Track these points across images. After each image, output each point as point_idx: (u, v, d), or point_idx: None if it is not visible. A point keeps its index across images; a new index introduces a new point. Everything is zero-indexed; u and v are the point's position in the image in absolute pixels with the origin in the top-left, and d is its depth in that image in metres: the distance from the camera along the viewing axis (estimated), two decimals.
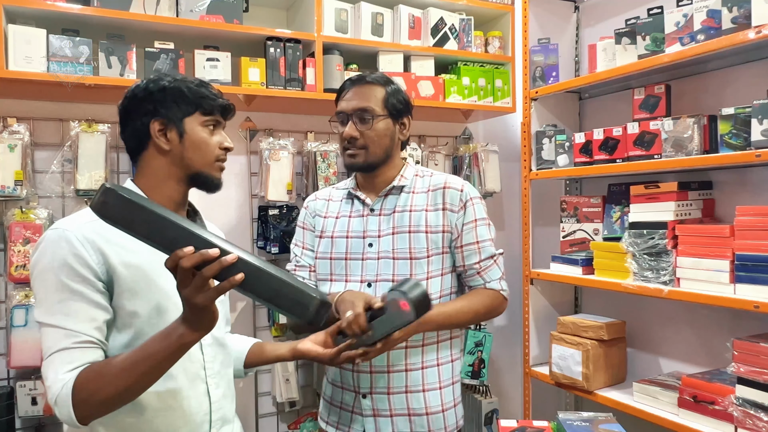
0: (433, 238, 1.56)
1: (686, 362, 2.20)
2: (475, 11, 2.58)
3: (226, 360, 1.34)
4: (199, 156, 1.24)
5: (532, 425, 1.23)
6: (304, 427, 2.40)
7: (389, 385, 1.55)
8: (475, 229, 1.58)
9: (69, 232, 1.12)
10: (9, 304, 1.91)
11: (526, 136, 2.54)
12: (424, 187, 1.62)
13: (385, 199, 1.62)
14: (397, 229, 1.57)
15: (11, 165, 1.91)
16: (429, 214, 1.58)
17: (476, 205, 1.60)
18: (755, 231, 1.71)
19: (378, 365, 1.54)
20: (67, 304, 1.08)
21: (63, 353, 1.06)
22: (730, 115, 1.80)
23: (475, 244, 1.58)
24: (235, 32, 2.13)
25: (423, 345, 1.57)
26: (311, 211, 1.71)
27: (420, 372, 1.56)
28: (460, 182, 1.61)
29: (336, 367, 1.50)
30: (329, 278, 1.61)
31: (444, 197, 1.58)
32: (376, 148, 1.56)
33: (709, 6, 1.84)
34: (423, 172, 1.67)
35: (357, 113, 1.55)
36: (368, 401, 1.56)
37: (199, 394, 1.22)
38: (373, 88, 1.57)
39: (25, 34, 1.83)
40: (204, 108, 1.23)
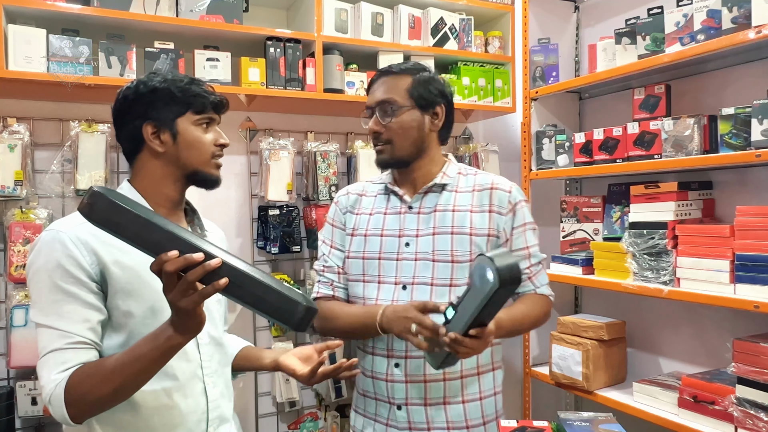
0: (477, 241, 1.45)
1: (686, 362, 2.20)
2: (475, 11, 2.58)
3: (224, 359, 1.34)
4: (195, 155, 1.24)
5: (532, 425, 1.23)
6: (304, 427, 2.40)
7: (426, 396, 1.44)
8: (524, 233, 1.50)
9: (63, 234, 1.12)
10: (9, 304, 1.91)
11: (526, 136, 2.54)
12: (469, 186, 1.51)
13: (424, 196, 1.51)
14: (438, 229, 1.46)
15: (11, 165, 1.91)
16: (474, 215, 1.47)
17: (524, 208, 1.52)
18: (755, 231, 1.71)
19: (413, 374, 1.43)
20: (60, 305, 1.09)
21: (56, 354, 1.07)
22: (730, 115, 1.80)
23: (525, 249, 1.50)
24: (235, 32, 2.13)
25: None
26: (342, 207, 1.60)
27: (459, 381, 1.45)
28: (508, 183, 1.52)
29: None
30: (362, 279, 1.51)
31: (491, 198, 1.48)
32: (402, 141, 1.46)
33: (709, 6, 1.84)
34: (466, 170, 1.57)
35: (379, 106, 1.46)
36: (403, 413, 1.45)
37: (196, 392, 1.23)
38: (398, 79, 1.47)
39: (25, 34, 1.83)
40: (195, 107, 1.23)
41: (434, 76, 1.51)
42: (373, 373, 1.49)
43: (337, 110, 2.47)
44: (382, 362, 1.47)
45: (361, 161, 2.41)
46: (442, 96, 1.50)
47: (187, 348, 1.22)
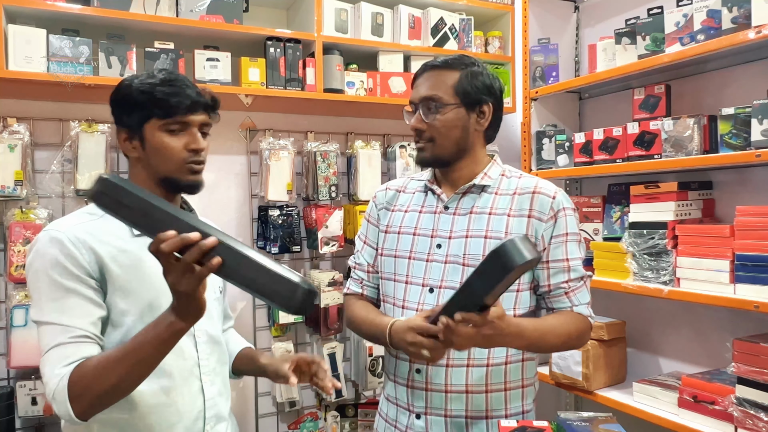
0: None
1: (686, 362, 2.20)
2: (475, 11, 2.58)
3: (222, 358, 1.34)
4: (162, 162, 1.20)
5: (532, 425, 1.23)
6: (304, 427, 2.40)
7: (446, 407, 1.35)
8: (565, 244, 1.37)
9: (60, 233, 1.13)
10: (9, 304, 1.91)
11: (526, 136, 2.54)
12: (510, 188, 1.41)
13: (463, 197, 1.42)
14: (472, 232, 1.37)
15: (11, 165, 1.91)
16: (511, 219, 1.36)
17: (569, 216, 1.38)
18: (755, 231, 1.71)
19: (435, 383, 1.35)
20: (61, 302, 1.09)
21: (59, 348, 1.07)
22: (730, 115, 1.80)
23: (564, 261, 1.37)
24: (235, 32, 2.13)
25: (487, 365, 1.35)
26: (378, 203, 1.54)
27: (483, 396, 1.35)
28: (553, 188, 1.40)
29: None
30: (393, 278, 1.45)
31: (532, 203, 1.37)
32: (445, 140, 1.38)
33: (709, 6, 1.84)
34: (511, 172, 1.46)
35: (423, 102, 1.38)
36: (422, 422, 1.37)
37: (193, 391, 1.23)
38: (445, 74, 1.38)
39: (25, 34, 1.83)
40: (157, 113, 1.18)
41: (484, 71, 1.41)
42: (396, 377, 1.43)
43: (337, 110, 2.47)
44: (404, 366, 1.40)
45: (361, 161, 2.41)
46: (490, 94, 1.40)
47: (184, 346, 1.22)
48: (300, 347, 2.46)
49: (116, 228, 1.19)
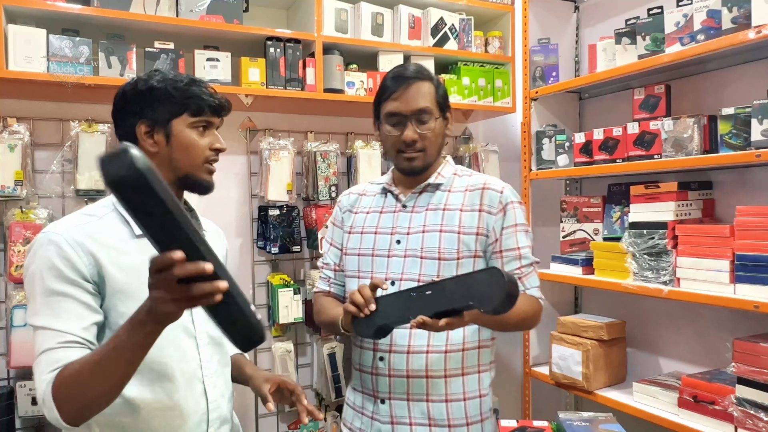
0: (465, 240, 1.46)
1: (686, 362, 2.20)
2: (475, 11, 2.58)
3: (224, 359, 1.33)
4: (187, 158, 1.21)
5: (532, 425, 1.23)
6: (304, 427, 2.40)
7: (408, 391, 1.46)
8: (515, 234, 1.48)
9: (58, 236, 1.11)
10: (9, 304, 1.91)
11: (526, 136, 2.54)
12: (462, 186, 1.53)
13: (419, 196, 1.54)
14: (428, 227, 1.49)
15: (11, 165, 1.91)
16: (464, 214, 1.48)
17: (517, 209, 1.50)
18: (755, 231, 1.71)
19: (397, 369, 1.45)
20: (54, 306, 1.08)
21: (49, 353, 1.06)
22: (730, 115, 1.80)
23: (515, 249, 1.48)
24: (235, 32, 2.13)
25: (446, 352, 1.46)
26: (342, 207, 1.65)
27: (443, 380, 1.45)
28: (500, 184, 1.52)
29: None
30: (357, 275, 1.55)
31: (482, 198, 1.49)
32: (433, 149, 1.49)
33: (709, 6, 1.84)
34: (462, 171, 1.58)
35: (416, 115, 1.45)
36: (386, 407, 1.47)
37: (196, 393, 1.22)
38: (426, 85, 1.47)
39: (25, 34, 1.83)
40: (192, 109, 1.20)
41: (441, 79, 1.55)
42: (361, 367, 1.53)
43: (337, 110, 2.47)
44: (369, 355, 1.50)
45: (361, 161, 2.41)
46: (449, 103, 1.54)
47: (186, 349, 1.22)
48: (300, 347, 2.46)
49: (116, 229, 1.18)
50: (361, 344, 1.52)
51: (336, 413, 2.46)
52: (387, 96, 1.48)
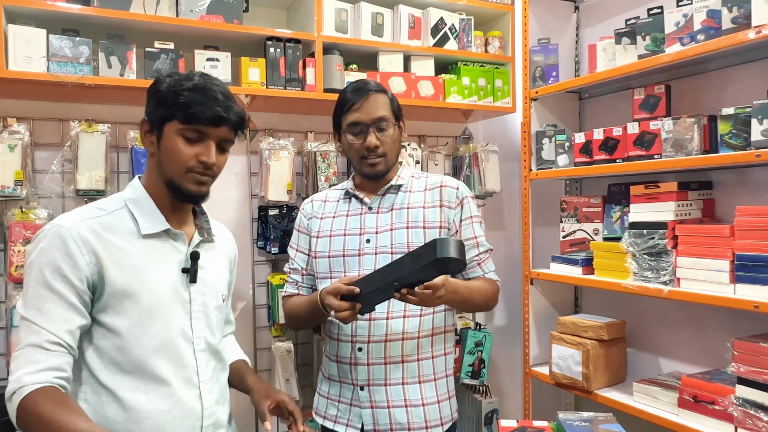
0: (430, 233, 1.61)
1: (686, 362, 2.20)
2: (475, 11, 2.58)
3: (220, 366, 1.33)
4: (170, 164, 1.20)
5: (532, 425, 1.23)
6: None
7: (386, 377, 1.59)
8: (471, 225, 1.67)
9: (65, 230, 1.12)
10: (9, 304, 1.91)
11: (526, 136, 2.54)
12: (421, 186, 1.69)
13: (382, 197, 1.68)
14: (396, 225, 1.63)
15: (11, 165, 1.91)
16: (427, 210, 1.64)
17: (471, 203, 1.69)
18: (755, 231, 1.71)
19: (376, 357, 1.59)
20: (43, 302, 1.09)
21: (29, 350, 1.07)
22: (730, 115, 1.80)
23: (473, 239, 1.67)
24: (235, 32, 2.13)
25: (419, 337, 1.61)
26: (306, 214, 1.76)
27: (416, 364, 1.61)
28: (455, 181, 1.70)
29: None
30: (329, 276, 1.65)
31: (441, 195, 1.66)
32: (392, 154, 1.65)
33: (709, 6, 1.84)
34: (418, 174, 1.75)
35: (376, 123, 1.60)
36: (366, 393, 1.60)
37: (191, 399, 1.22)
38: (382, 97, 1.63)
39: (25, 34, 1.83)
40: (180, 117, 1.17)
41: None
42: (338, 358, 1.64)
43: None
44: (347, 347, 1.62)
45: None
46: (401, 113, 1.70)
47: (183, 353, 1.22)
48: (300, 347, 2.46)
49: (124, 227, 1.19)
50: (338, 337, 1.64)
51: None
52: (348, 108, 1.62)
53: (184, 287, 1.24)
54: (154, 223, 1.21)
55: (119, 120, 2.16)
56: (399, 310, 1.59)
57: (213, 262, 1.33)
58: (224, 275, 1.38)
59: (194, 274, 1.25)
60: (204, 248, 1.30)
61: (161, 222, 1.22)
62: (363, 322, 1.59)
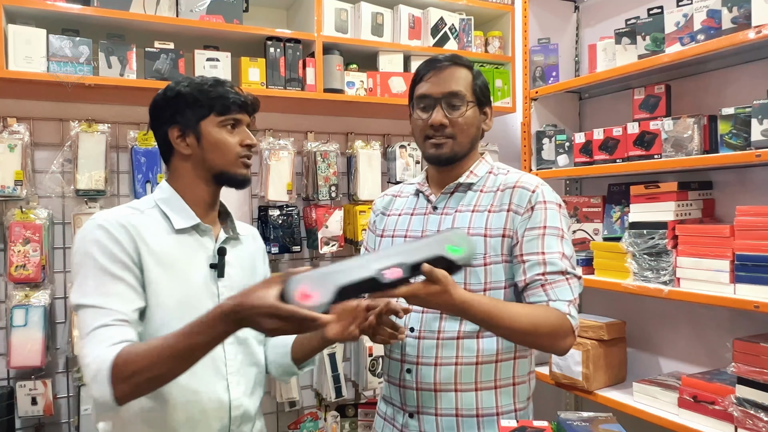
0: (491, 243, 1.33)
1: (686, 362, 2.20)
2: (475, 11, 2.58)
3: (248, 359, 1.33)
4: (220, 156, 1.26)
5: (532, 425, 1.22)
6: (304, 427, 2.40)
7: (437, 406, 1.35)
8: (541, 237, 1.30)
9: (107, 221, 1.18)
10: (9, 304, 1.91)
11: (526, 136, 2.54)
12: (495, 185, 1.40)
13: (450, 197, 1.43)
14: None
15: (11, 165, 1.91)
16: (491, 215, 1.35)
17: (549, 210, 1.33)
18: (755, 231, 1.71)
19: (425, 383, 1.35)
20: (107, 286, 1.13)
21: (101, 330, 1.08)
22: (730, 115, 1.80)
23: (539, 254, 1.29)
24: (235, 32, 2.13)
25: (477, 363, 1.33)
26: (376, 209, 1.58)
27: (473, 394, 1.34)
28: (535, 182, 1.37)
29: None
30: None
31: (512, 197, 1.35)
32: (464, 138, 1.38)
33: (709, 6, 1.84)
34: (499, 169, 1.45)
35: (447, 98, 1.36)
36: (415, 422, 1.37)
37: (219, 390, 1.24)
38: (461, 71, 1.39)
39: (25, 34, 1.83)
40: (217, 109, 1.25)
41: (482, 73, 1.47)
42: (389, 378, 1.45)
43: (337, 110, 2.47)
44: (396, 366, 1.41)
45: (361, 161, 2.41)
46: (489, 98, 1.47)
47: None
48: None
49: (156, 224, 1.24)
50: (389, 354, 1.43)
51: (336, 413, 2.46)
52: (419, 79, 1.41)
53: (213, 282, 1.27)
54: (186, 219, 1.26)
55: (119, 120, 2.16)
56: (452, 330, 1.32)
57: (239, 259, 1.36)
58: (252, 271, 1.40)
59: (222, 269, 1.28)
60: (230, 245, 1.34)
61: (192, 217, 1.27)
62: (412, 340, 1.36)
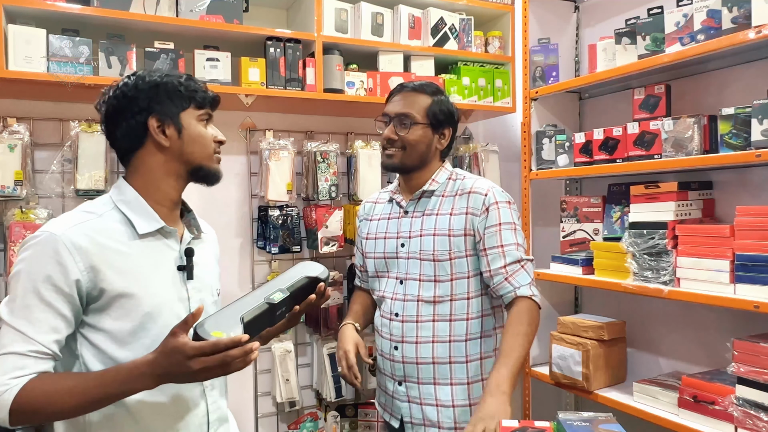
0: (455, 241, 1.61)
1: (686, 362, 2.20)
2: (475, 11, 2.58)
3: None
4: (200, 150, 1.25)
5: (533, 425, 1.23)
6: (304, 427, 2.40)
7: (419, 376, 1.63)
8: (498, 233, 1.59)
9: (57, 237, 1.10)
10: None
11: (526, 136, 2.54)
12: (454, 191, 1.68)
13: (417, 202, 1.70)
14: (424, 231, 1.65)
15: (11, 165, 1.91)
16: (453, 218, 1.63)
17: (501, 209, 1.61)
18: (755, 231, 1.71)
19: (408, 356, 1.63)
20: (33, 311, 1.07)
21: (16, 357, 1.05)
22: (730, 115, 1.80)
23: (499, 247, 1.59)
24: (235, 32, 2.13)
25: (450, 341, 1.62)
26: (360, 215, 1.86)
27: (447, 366, 1.62)
28: (486, 186, 1.65)
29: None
30: (376, 275, 1.75)
31: (468, 201, 1.63)
32: (414, 152, 1.65)
33: (709, 6, 1.84)
34: (457, 175, 1.72)
35: (398, 117, 1.64)
36: (403, 388, 1.66)
37: (195, 396, 1.22)
38: (419, 96, 1.65)
39: (25, 34, 1.83)
40: (197, 102, 1.25)
41: (448, 100, 1.70)
42: (382, 352, 1.71)
43: (337, 110, 2.47)
44: (386, 344, 1.68)
45: (361, 161, 2.41)
46: (451, 120, 1.70)
47: None
48: (300, 347, 2.46)
49: (116, 229, 1.17)
50: (381, 333, 1.70)
51: (336, 413, 2.46)
52: (387, 99, 1.71)
53: (182, 285, 1.24)
54: (150, 222, 1.20)
55: None
56: (428, 314, 1.62)
57: (204, 258, 1.33)
58: (215, 270, 1.38)
59: (190, 270, 1.25)
60: (194, 245, 1.29)
61: (156, 220, 1.21)
62: (397, 323, 1.65)
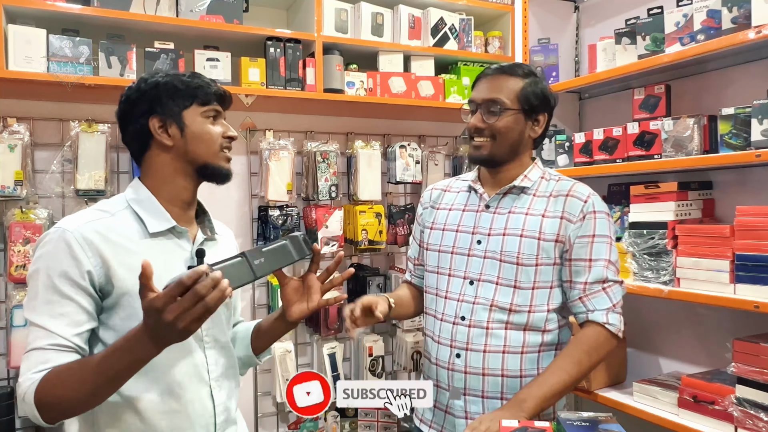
0: (544, 246, 1.45)
1: (686, 362, 2.20)
2: (475, 11, 2.58)
3: (229, 362, 1.33)
4: (203, 147, 1.23)
5: (533, 425, 1.23)
6: (304, 427, 2.40)
7: (484, 389, 1.47)
8: (591, 244, 1.45)
9: (69, 233, 1.11)
10: (9, 304, 1.91)
11: None
12: (547, 191, 1.52)
13: (503, 197, 1.53)
14: (509, 230, 1.48)
15: (11, 165, 1.91)
16: (545, 220, 1.47)
17: (599, 219, 1.47)
18: (755, 231, 1.71)
19: (473, 367, 1.47)
20: (54, 307, 1.08)
21: (39, 352, 1.07)
22: (730, 115, 1.80)
23: (586, 261, 1.44)
24: (235, 32, 2.13)
25: (522, 353, 1.46)
26: (424, 203, 1.69)
27: (519, 380, 1.46)
28: (586, 192, 1.50)
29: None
30: (436, 271, 1.58)
31: (565, 205, 1.47)
32: (504, 142, 1.48)
33: (709, 6, 1.84)
34: (550, 175, 1.56)
35: (486, 104, 1.48)
36: (461, 402, 1.49)
37: (202, 396, 1.22)
38: (509, 80, 1.48)
39: (25, 34, 1.83)
40: (200, 98, 1.23)
41: (544, 83, 1.52)
42: (438, 361, 1.53)
43: (337, 110, 2.47)
44: (445, 351, 1.51)
45: (361, 161, 2.41)
46: (546, 105, 1.52)
47: (192, 351, 1.22)
48: (300, 347, 2.46)
49: (128, 227, 1.19)
50: (438, 340, 1.53)
51: (336, 413, 2.46)
52: (473, 85, 1.55)
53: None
54: (161, 221, 1.21)
55: None
56: (500, 321, 1.46)
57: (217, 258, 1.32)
58: None
59: None
60: (207, 246, 1.29)
61: (167, 220, 1.22)
62: (463, 328, 1.48)
